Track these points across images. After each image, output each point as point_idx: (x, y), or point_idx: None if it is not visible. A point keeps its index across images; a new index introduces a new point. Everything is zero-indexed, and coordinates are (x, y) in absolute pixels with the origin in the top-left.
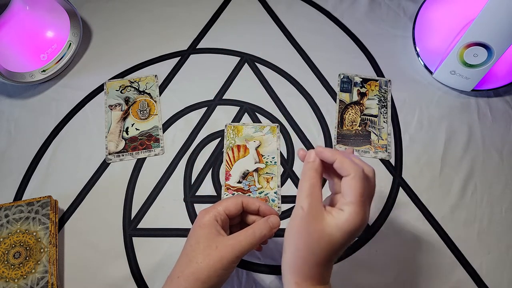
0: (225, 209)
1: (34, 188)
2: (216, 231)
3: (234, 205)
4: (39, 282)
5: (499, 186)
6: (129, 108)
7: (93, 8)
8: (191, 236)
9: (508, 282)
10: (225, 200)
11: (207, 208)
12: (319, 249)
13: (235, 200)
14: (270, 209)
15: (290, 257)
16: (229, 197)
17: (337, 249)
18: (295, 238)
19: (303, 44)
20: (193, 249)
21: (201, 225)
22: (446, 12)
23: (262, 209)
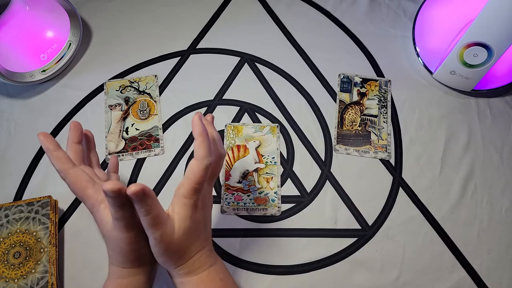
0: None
1: (34, 188)
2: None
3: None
4: (39, 282)
5: (499, 186)
6: (129, 108)
7: (93, 8)
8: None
9: (508, 282)
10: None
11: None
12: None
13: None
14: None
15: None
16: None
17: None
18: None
19: (303, 44)
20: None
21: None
22: (446, 12)
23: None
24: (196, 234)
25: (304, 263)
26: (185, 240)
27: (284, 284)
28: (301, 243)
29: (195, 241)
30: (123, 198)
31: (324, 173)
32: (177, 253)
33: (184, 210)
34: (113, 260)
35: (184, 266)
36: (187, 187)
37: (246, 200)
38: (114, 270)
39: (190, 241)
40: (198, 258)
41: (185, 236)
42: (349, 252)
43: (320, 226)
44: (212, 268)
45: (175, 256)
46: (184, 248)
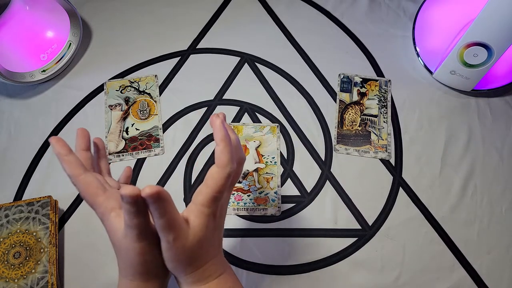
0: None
1: (34, 188)
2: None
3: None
4: (39, 282)
5: (499, 186)
6: (129, 108)
7: (93, 8)
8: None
9: (508, 282)
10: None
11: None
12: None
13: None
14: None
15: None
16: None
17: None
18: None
19: (303, 44)
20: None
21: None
22: (446, 12)
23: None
24: (211, 243)
25: (304, 263)
26: (199, 248)
27: (284, 284)
28: (301, 243)
29: (209, 250)
30: (140, 205)
31: (324, 173)
32: (188, 260)
33: (201, 219)
34: (123, 272)
35: (194, 274)
36: (207, 196)
37: (246, 200)
38: (123, 283)
39: (204, 250)
40: (209, 266)
41: (200, 244)
42: (349, 252)
43: (320, 226)
44: (222, 277)
45: (186, 263)
46: (197, 256)
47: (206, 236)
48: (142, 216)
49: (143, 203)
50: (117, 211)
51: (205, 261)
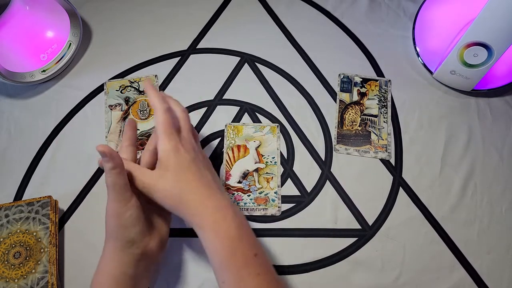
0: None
1: (34, 188)
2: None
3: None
4: (39, 282)
5: (499, 186)
6: (129, 108)
7: (93, 8)
8: None
9: (508, 282)
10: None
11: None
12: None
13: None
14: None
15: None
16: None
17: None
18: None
19: (303, 44)
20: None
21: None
22: (446, 12)
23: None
24: (191, 177)
25: (304, 263)
26: (176, 182)
27: None
28: (301, 243)
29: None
30: (116, 161)
31: (324, 173)
32: (168, 199)
33: (161, 155)
34: (106, 237)
35: (185, 217)
36: (158, 137)
37: (246, 200)
38: (104, 248)
39: (184, 182)
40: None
41: (172, 181)
42: (349, 252)
43: (320, 226)
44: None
45: (169, 203)
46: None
47: (172, 170)
48: (115, 175)
49: (119, 161)
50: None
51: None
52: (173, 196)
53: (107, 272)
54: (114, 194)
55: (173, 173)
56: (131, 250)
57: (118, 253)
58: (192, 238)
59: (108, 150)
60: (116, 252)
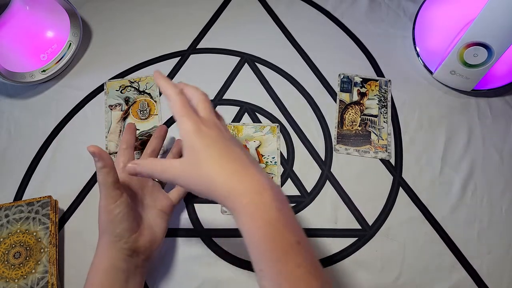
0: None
1: (34, 188)
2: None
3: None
4: (39, 282)
5: (499, 186)
6: (129, 108)
7: (93, 8)
8: None
9: (508, 282)
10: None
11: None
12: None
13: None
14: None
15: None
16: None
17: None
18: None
19: (303, 44)
20: None
21: None
22: (446, 12)
23: None
24: (224, 154)
25: None
26: (209, 164)
27: None
28: None
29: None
30: (105, 161)
31: (324, 173)
32: (190, 177)
33: (186, 138)
34: (99, 231)
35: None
36: (176, 116)
37: None
38: (98, 243)
39: (216, 162)
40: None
41: (203, 162)
42: (349, 252)
43: (320, 226)
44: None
45: (192, 184)
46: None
47: (202, 151)
48: (105, 174)
49: (108, 161)
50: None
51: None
52: (202, 180)
53: (98, 265)
54: (105, 191)
55: (199, 155)
56: (120, 244)
57: (108, 248)
58: (192, 238)
59: (97, 151)
60: (107, 247)
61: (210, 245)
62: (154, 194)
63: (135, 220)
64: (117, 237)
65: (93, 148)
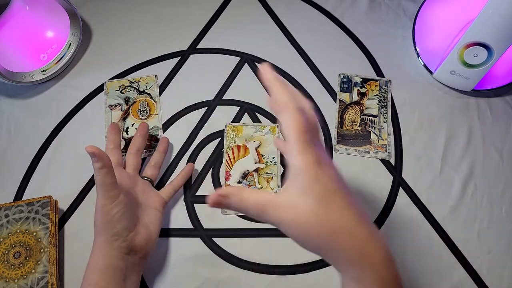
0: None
1: (34, 188)
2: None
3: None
4: (39, 282)
5: (499, 186)
6: (129, 108)
7: (93, 8)
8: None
9: (508, 282)
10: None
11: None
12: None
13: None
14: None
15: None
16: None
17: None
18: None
19: (303, 44)
20: None
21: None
22: (446, 12)
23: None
24: (340, 202)
25: (304, 263)
26: (323, 212)
27: (284, 284)
28: None
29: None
30: (104, 161)
31: None
32: (305, 235)
33: (304, 161)
34: (95, 231)
35: (336, 262)
36: (293, 145)
37: None
38: (94, 243)
39: (332, 211)
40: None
41: (319, 209)
42: None
43: None
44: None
45: (305, 239)
46: (335, 211)
47: (319, 194)
48: (104, 174)
49: (107, 161)
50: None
51: (343, 225)
52: (319, 236)
53: (95, 265)
54: (103, 192)
55: (318, 203)
56: (117, 243)
57: (105, 247)
58: (192, 238)
59: (96, 151)
60: (103, 246)
61: (210, 245)
62: (146, 192)
63: (131, 219)
64: (114, 236)
65: (92, 149)
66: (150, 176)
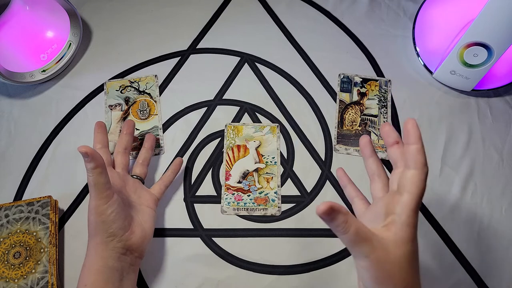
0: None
1: (34, 188)
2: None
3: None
4: (39, 282)
5: (499, 186)
6: (129, 108)
7: (93, 8)
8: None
9: (508, 282)
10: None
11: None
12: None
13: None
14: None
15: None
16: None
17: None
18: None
19: (303, 44)
20: None
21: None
22: (446, 12)
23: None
24: (415, 265)
25: (304, 263)
26: (408, 266)
27: (284, 284)
28: (301, 243)
29: (416, 273)
30: (98, 161)
31: (324, 173)
32: (391, 280)
33: (406, 232)
34: (89, 234)
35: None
36: (411, 203)
37: (246, 200)
38: (88, 245)
39: (413, 270)
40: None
41: (407, 261)
42: (349, 253)
43: (320, 226)
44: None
45: (389, 283)
46: (408, 277)
47: (413, 252)
48: (97, 174)
49: (100, 161)
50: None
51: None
52: (403, 284)
53: (91, 266)
54: (96, 192)
55: (413, 259)
56: (113, 244)
57: (100, 248)
58: (192, 238)
59: (89, 151)
60: (98, 247)
61: (210, 245)
62: (137, 191)
63: (126, 218)
64: (110, 236)
65: (85, 148)
66: (140, 174)
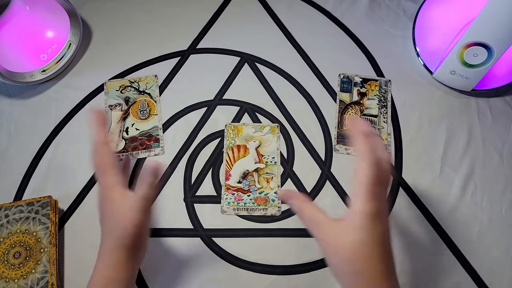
0: None
1: (34, 188)
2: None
3: None
4: (39, 282)
5: (499, 186)
6: (129, 108)
7: (93, 8)
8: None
9: (508, 282)
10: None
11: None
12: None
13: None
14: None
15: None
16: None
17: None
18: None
19: (303, 44)
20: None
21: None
22: (446, 12)
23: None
24: (374, 253)
25: (304, 263)
26: (362, 253)
27: (284, 284)
28: (301, 243)
29: (378, 262)
30: (158, 177)
31: (324, 173)
32: (345, 265)
33: (356, 219)
34: (109, 242)
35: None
36: (360, 192)
37: (246, 200)
38: (107, 253)
39: (371, 257)
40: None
41: (362, 247)
42: None
43: None
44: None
45: (345, 268)
46: (365, 264)
47: (364, 239)
48: (152, 188)
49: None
50: (122, 185)
51: (368, 275)
52: (346, 272)
53: (111, 276)
54: (143, 206)
55: (361, 246)
56: (140, 254)
57: (128, 260)
58: (192, 238)
59: (160, 167)
60: (122, 257)
61: (210, 245)
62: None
63: None
64: (140, 249)
65: (156, 164)
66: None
